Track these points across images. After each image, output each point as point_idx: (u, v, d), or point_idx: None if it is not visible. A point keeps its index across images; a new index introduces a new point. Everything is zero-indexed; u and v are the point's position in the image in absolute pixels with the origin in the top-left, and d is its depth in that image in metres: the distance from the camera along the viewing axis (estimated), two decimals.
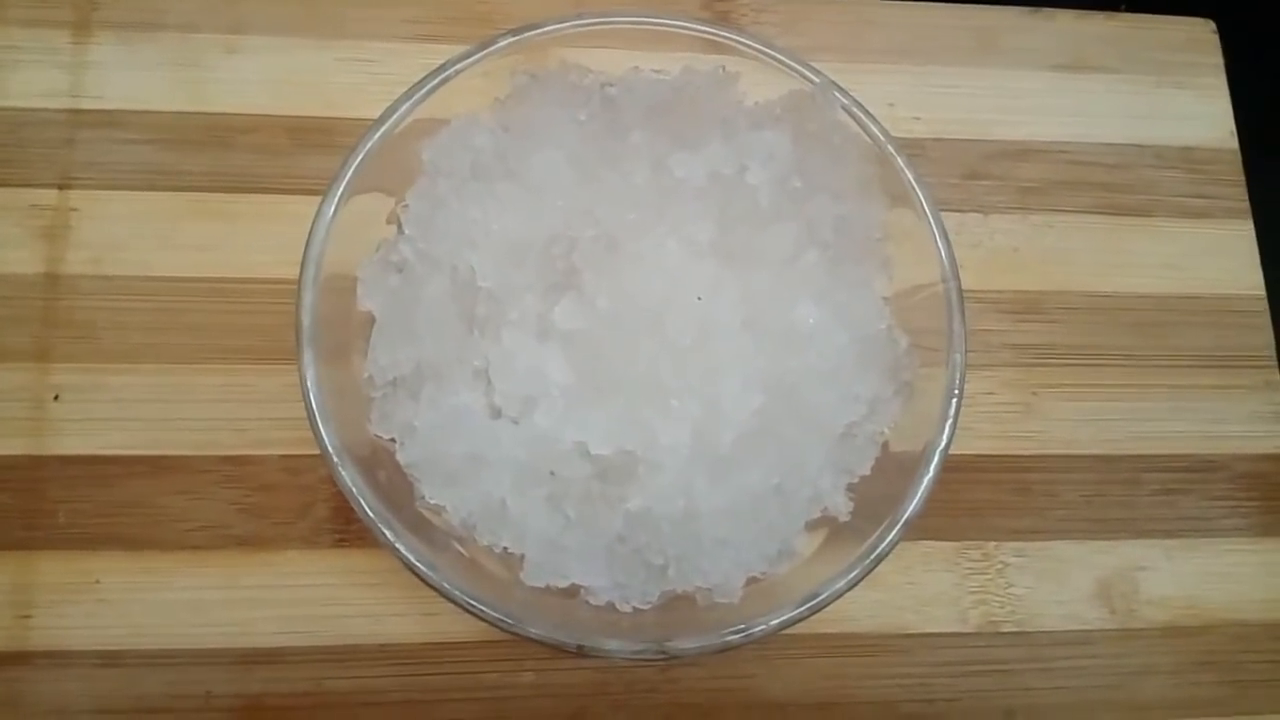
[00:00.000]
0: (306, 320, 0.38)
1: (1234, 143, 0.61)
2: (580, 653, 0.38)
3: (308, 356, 0.38)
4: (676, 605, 0.41)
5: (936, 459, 0.40)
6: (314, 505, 0.48)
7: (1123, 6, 0.64)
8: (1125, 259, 0.58)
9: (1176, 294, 0.58)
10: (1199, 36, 0.63)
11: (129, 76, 0.54)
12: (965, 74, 0.60)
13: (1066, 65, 0.61)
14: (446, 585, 0.37)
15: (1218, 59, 0.62)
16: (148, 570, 0.47)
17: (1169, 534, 0.53)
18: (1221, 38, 0.62)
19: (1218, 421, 0.56)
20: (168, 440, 0.49)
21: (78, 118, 0.53)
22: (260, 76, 0.54)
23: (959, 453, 0.52)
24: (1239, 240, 0.59)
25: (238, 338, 0.50)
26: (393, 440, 0.41)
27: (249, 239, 0.52)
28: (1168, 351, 0.57)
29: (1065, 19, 0.62)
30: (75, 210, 0.51)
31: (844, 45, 0.59)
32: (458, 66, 0.42)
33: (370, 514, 0.37)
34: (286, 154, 0.53)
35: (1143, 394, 0.56)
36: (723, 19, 0.58)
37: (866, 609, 0.50)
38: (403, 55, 0.55)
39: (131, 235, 0.51)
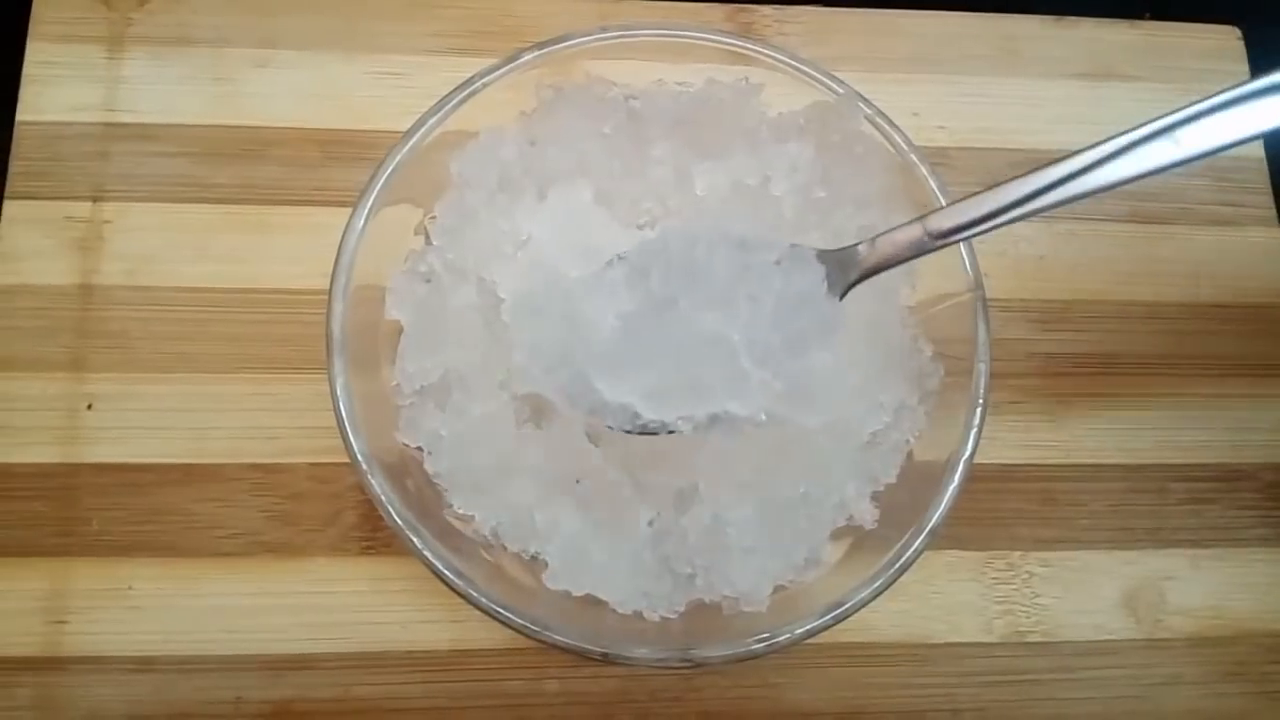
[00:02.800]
0: (337, 329, 0.39)
1: (1261, 150, 0.60)
2: (605, 660, 0.38)
3: (338, 365, 0.39)
4: (702, 614, 0.41)
5: (961, 468, 0.40)
6: (342, 513, 0.49)
7: (1146, 15, 0.63)
8: (1151, 267, 0.58)
9: (1203, 302, 0.57)
10: (1224, 44, 0.62)
11: (162, 90, 0.55)
12: (989, 83, 0.60)
13: (1090, 74, 0.61)
14: (474, 593, 0.37)
15: (1243, 66, 0.62)
16: (179, 577, 0.48)
17: (1196, 544, 0.53)
18: (1247, 45, 0.62)
19: (1245, 430, 0.55)
20: (199, 449, 0.49)
21: (111, 131, 0.54)
22: (291, 90, 0.55)
23: (985, 462, 0.52)
24: (1266, 248, 0.59)
25: (268, 348, 0.51)
26: (420, 449, 0.41)
27: (279, 250, 0.52)
28: (1195, 360, 0.56)
29: (1088, 27, 0.62)
30: (108, 222, 0.52)
31: (867, 55, 0.60)
32: (485, 80, 0.42)
33: (399, 521, 0.38)
34: (316, 166, 0.54)
35: (1169, 403, 0.55)
36: (746, 30, 0.59)
37: (891, 618, 0.50)
38: (431, 69, 0.55)
39: (164, 247, 0.52)
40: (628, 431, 0.38)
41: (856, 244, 0.40)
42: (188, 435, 0.50)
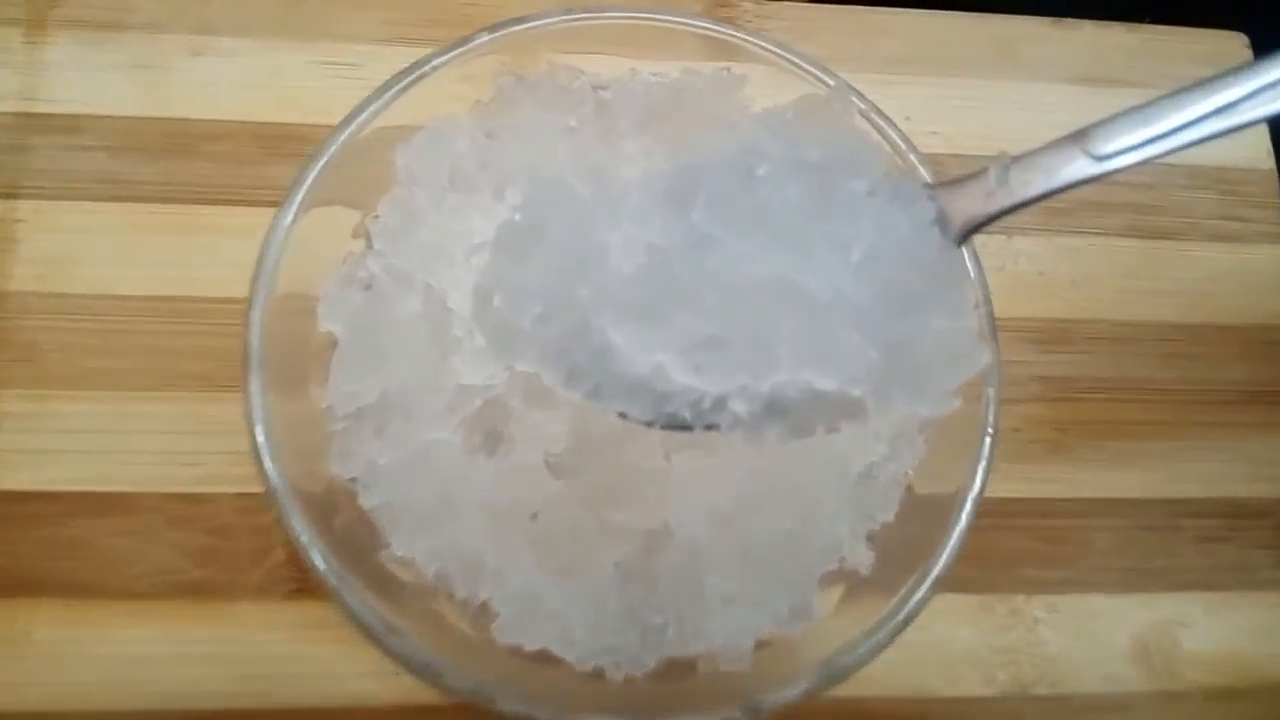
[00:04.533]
0: (255, 341, 0.34)
1: (1271, 163, 0.57)
2: None
3: (255, 383, 0.34)
4: (675, 673, 0.36)
5: (969, 506, 0.36)
6: (271, 550, 0.44)
7: (1147, 18, 0.60)
8: (1157, 285, 0.55)
9: (1212, 323, 0.54)
10: (1230, 50, 0.60)
11: (87, 79, 0.50)
12: (984, 86, 0.57)
13: (1089, 78, 0.58)
14: (408, 653, 0.32)
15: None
16: (85, 621, 0.43)
17: (1210, 586, 0.49)
18: (1255, 51, 0.59)
19: (1262, 463, 0.52)
20: (114, 475, 0.45)
21: (29, 122, 0.49)
22: (229, 80, 0.51)
23: (985, 495, 0.48)
24: (1277, 265, 0.55)
25: (194, 362, 0.46)
26: (354, 481, 0.36)
27: (211, 255, 0.48)
28: (1206, 386, 0.53)
29: (1088, 30, 0.59)
30: (22, 222, 0.48)
31: (856, 55, 0.56)
32: (434, 64, 0.38)
33: (322, 568, 0.33)
34: (255, 163, 0.50)
35: (1180, 432, 0.52)
36: (734, 27, 0.55)
37: (883, 669, 0.44)
38: (383, 58, 0.51)
39: (83, 250, 0.48)
40: (648, 423, 0.28)
41: (980, 172, 0.31)
42: (100, 460, 0.45)
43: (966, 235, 0.31)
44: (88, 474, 0.44)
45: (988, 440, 0.37)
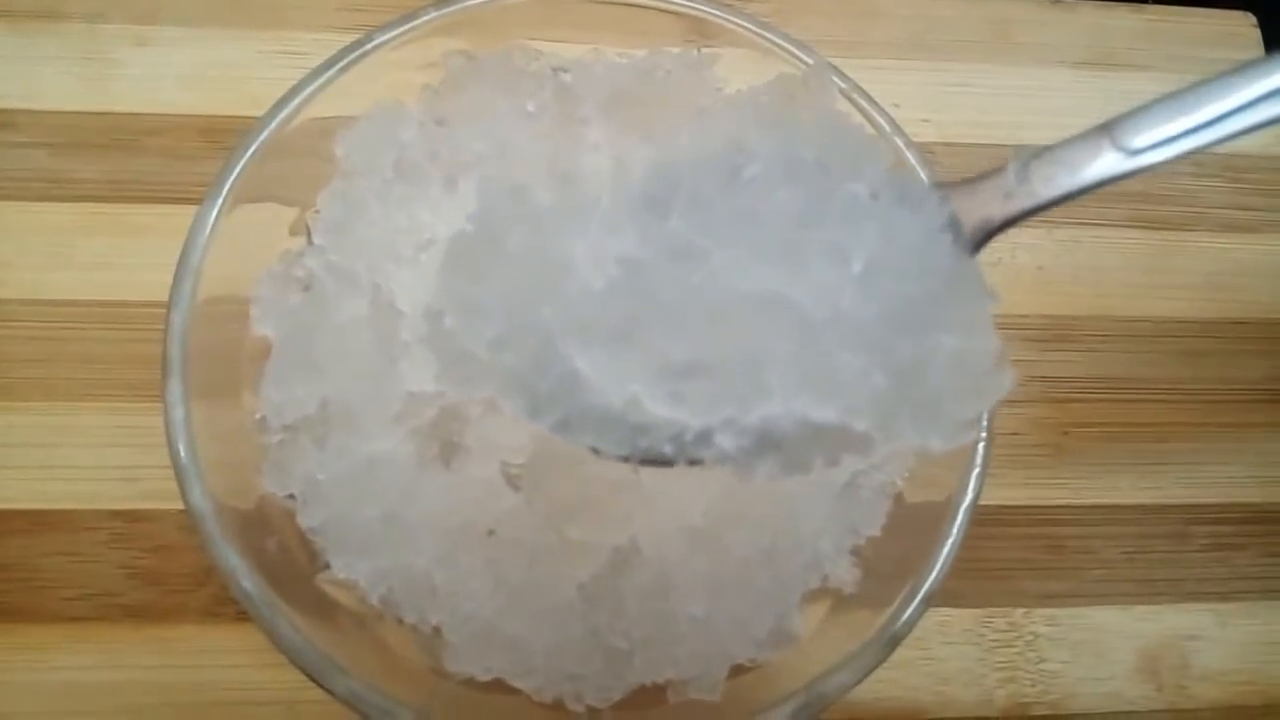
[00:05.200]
0: (175, 347, 0.31)
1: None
2: None
3: (174, 391, 0.31)
4: (642, 703, 0.34)
5: (961, 517, 0.33)
6: (216, 570, 0.41)
7: None
8: (1163, 279, 0.52)
9: (1222, 318, 0.52)
10: (1237, 30, 0.58)
11: (22, 71, 0.48)
12: (979, 71, 0.55)
13: (1091, 62, 0.56)
14: (351, 692, 0.29)
15: (1258, 54, 0.56)
16: (20, 646, 0.41)
17: (1223, 597, 0.47)
18: (1263, 32, 0.57)
19: (1275, 465, 0.49)
20: (49, 492, 0.42)
21: None
22: (174, 71, 0.49)
23: (982, 504, 0.44)
24: None
25: (134, 370, 0.44)
26: (291, 498, 0.34)
27: (151, 256, 0.45)
28: (1216, 384, 0.51)
29: (1088, 11, 0.57)
30: None
31: (845, 39, 0.54)
32: (375, 40, 0.35)
33: (246, 590, 0.30)
34: (200, 158, 0.47)
35: (1189, 433, 0.50)
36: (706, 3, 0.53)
37: (873, 689, 0.43)
38: (335, 47, 0.47)
39: (16, 252, 0.45)
40: (623, 458, 0.25)
41: (998, 169, 0.27)
42: (35, 475, 0.42)
43: (983, 242, 0.28)
44: (20, 490, 0.42)
45: (981, 446, 0.34)
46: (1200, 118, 0.25)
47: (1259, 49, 0.57)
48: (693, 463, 0.24)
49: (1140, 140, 0.26)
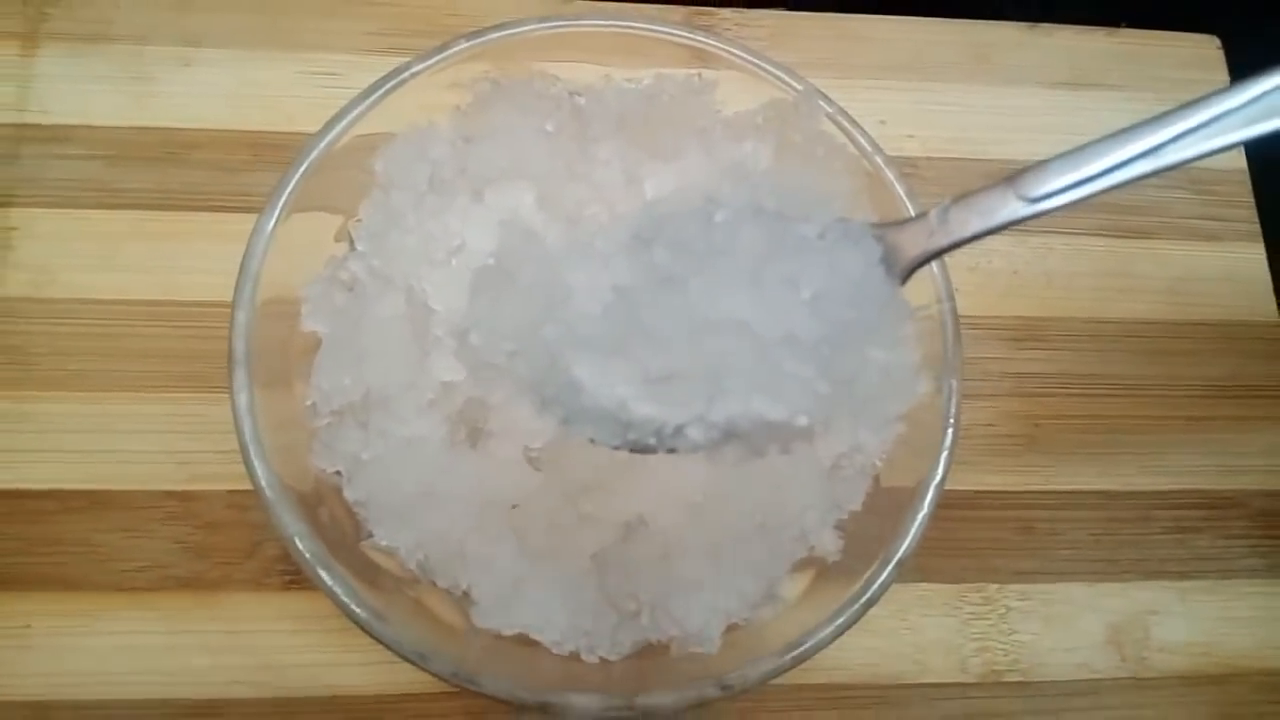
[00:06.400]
0: (240, 341, 0.35)
1: (1243, 162, 0.58)
2: (542, 710, 0.34)
3: (240, 379, 0.35)
4: (648, 655, 0.37)
5: (931, 494, 0.37)
6: (263, 544, 0.45)
7: (1123, 23, 0.61)
8: (1130, 283, 0.55)
9: (1184, 320, 0.55)
10: (1203, 53, 0.61)
11: (76, 90, 0.51)
12: (961, 91, 0.58)
13: (1066, 82, 0.59)
14: (393, 637, 0.33)
15: (1223, 76, 0.60)
16: (81, 614, 0.44)
17: (1183, 575, 0.50)
18: (1227, 54, 0.60)
19: (1232, 454, 0.53)
20: (107, 474, 0.45)
21: (21, 133, 0.50)
22: (216, 90, 0.52)
23: (958, 489, 0.49)
24: (1250, 264, 0.56)
25: (183, 364, 0.47)
26: (338, 474, 0.37)
27: (198, 259, 0.49)
28: (1178, 381, 0.54)
29: (1065, 35, 0.60)
30: (15, 229, 0.49)
31: (834, 61, 0.57)
32: (413, 70, 0.39)
33: (308, 557, 0.34)
34: (242, 170, 0.51)
35: (1152, 426, 0.53)
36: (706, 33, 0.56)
37: (860, 657, 0.46)
38: (366, 68, 0.51)
39: (73, 255, 0.49)
40: (615, 447, 0.30)
41: (923, 214, 0.33)
42: (94, 459, 0.46)
43: (909, 272, 0.33)
44: (81, 473, 0.45)
45: (949, 431, 0.37)
46: (1089, 171, 0.30)
47: (1222, 69, 0.59)
48: (671, 450, 0.29)
49: (1038, 190, 0.30)
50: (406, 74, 0.39)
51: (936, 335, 0.39)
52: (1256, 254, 0.56)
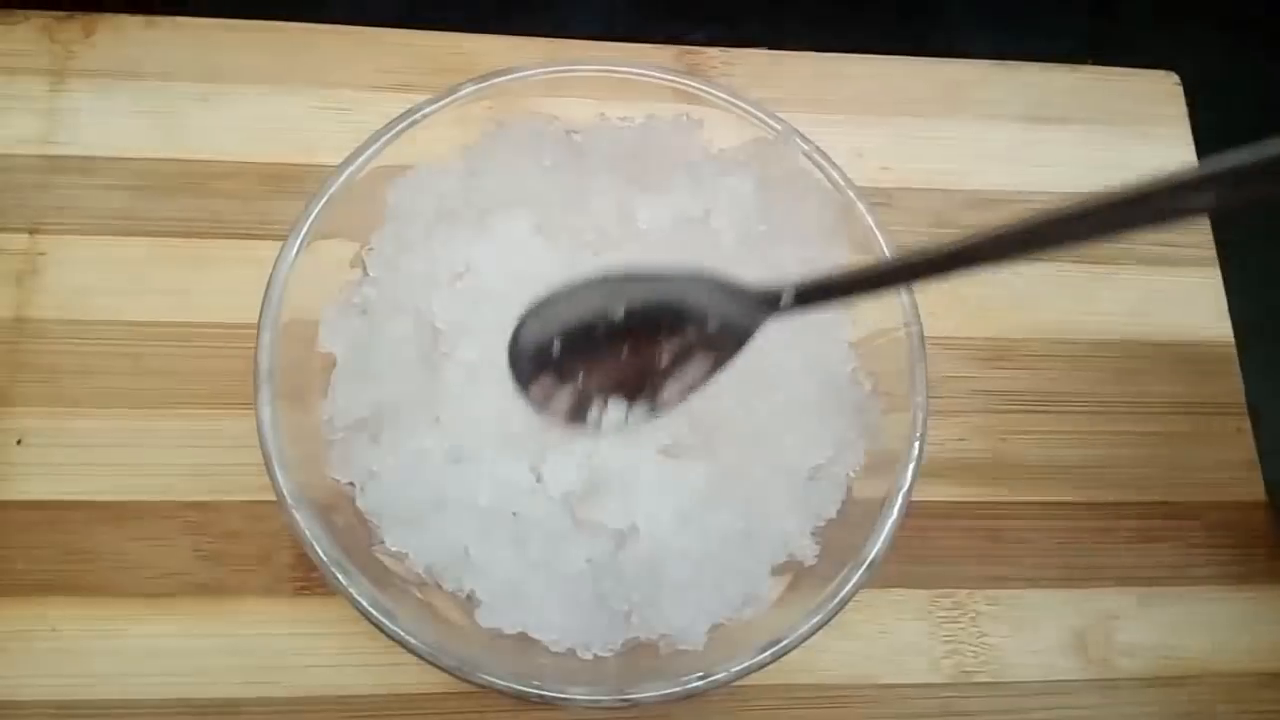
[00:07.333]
0: (265, 358, 0.38)
1: None
2: (540, 702, 0.37)
3: (264, 395, 0.38)
4: (639, 653, 0.40)
5: (900, 500, 0.40)
6: (276, 552, 0.47)
7: (1089, 60, 0.65)
8: (1093, 307, 0.58)
9: (1144, 340, 0.57)
10: (1162, 88, 0.64)
11: (104, 123, 0.54)
12: (933, 125, 0.61)
13: (1033, 117, 0.62)
14: (401, 632, 0.36)
15: (1181, 109, 0.63)
16: (106, 618, 0.46)
17: (1145, 582, 0.53)
18: (1185, 89, 0.63)
19: (1193, 469, 0.55)
20: (131, 486, 0.48)
21: (51, 164, 0.53)
22: (236, 124, 0.55)
23: (930, 499, 0.52)
24: (1205, 288, 0.59)
25: (203, 383, 0.50)
26: (352, 485, 0.40)
27: (218, 284, 0.51)
28: (1137, 399, 0.56)
29: (1031, 72, 0.63)
30: (44, 255, 0.51)
31: (814, 97, 0.60)
32: (424, 111, 0.42)
33: (325, 560, 0.37)
34: (260, 199, 0.53)
35: (1113, 440, 0.55)
36: (693, 71, 0.59)
37: (837, 658, 0.49)
38: (376, 104, 0.55)
39: (100, 280, 0.51)
40: None
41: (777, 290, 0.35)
42: (119, 472, 0.48)
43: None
44: (107, 485, 0.48)
45: (916, 444, 0.41)
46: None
47: (1181, 104, 0.62)
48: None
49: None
50: (419, 115, 0.42)
51: (904, 355, 0.42)
52: (1212, 278, 0.59)
